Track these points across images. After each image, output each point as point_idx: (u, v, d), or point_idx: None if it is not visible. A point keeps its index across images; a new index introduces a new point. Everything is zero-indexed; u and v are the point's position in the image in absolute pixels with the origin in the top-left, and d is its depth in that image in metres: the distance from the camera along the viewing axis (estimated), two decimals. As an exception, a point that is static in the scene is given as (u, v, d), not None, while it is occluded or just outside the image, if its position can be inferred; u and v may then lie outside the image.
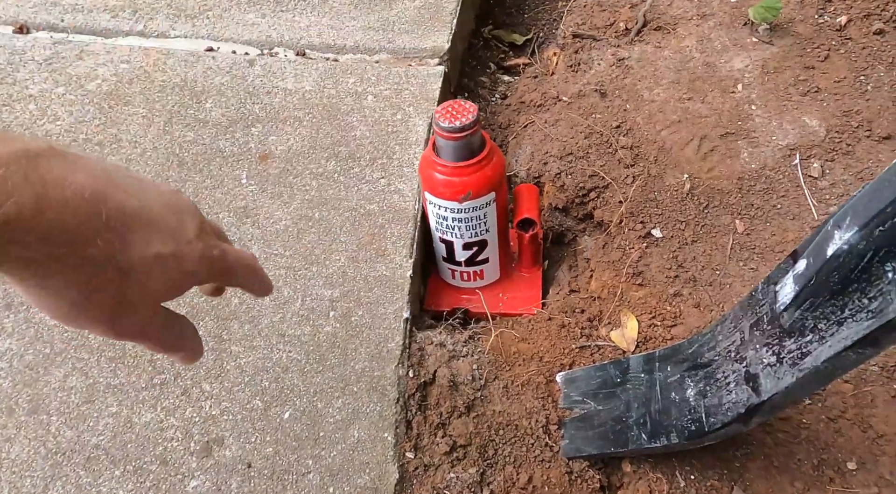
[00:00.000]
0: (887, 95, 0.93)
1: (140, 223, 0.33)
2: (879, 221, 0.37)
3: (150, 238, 0.33)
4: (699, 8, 1.09)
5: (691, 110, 0.97)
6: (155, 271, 0.33)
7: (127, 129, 0.96)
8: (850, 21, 1.02)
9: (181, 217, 0.36)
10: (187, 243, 0.35)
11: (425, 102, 0.99)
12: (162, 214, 0.34)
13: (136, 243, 0.32)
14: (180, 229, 0.35)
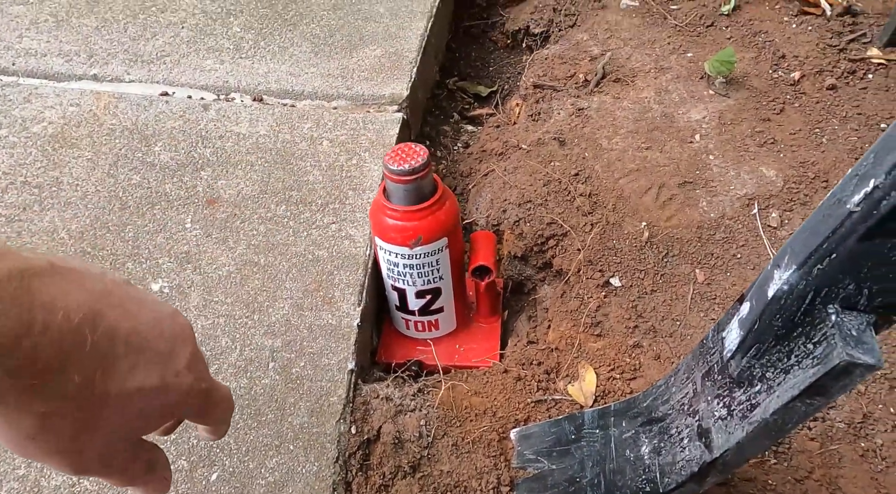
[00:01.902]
0: (842, 147, 0.93)
1: (128, 349, 0.30)
2: (817, 258, 0.34)
3: (135, 367, 0.30)
4: (657, 61, 1.10)
5: (650, 159, 0.96)
6: (133, 404, 0.31)
7: (70, 171, 0.92)
8: (804, 76, 1.03)
9: (174, 344, 0.33)
10: (175, 375, 0.33)
11: (382, 148, 0.97)
12: (154, 339, 0.31)
13: (119, 372, 0.30)
14: (170, 358, 0.32)
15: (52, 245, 0.84)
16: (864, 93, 1.00)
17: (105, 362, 0.29)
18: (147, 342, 0.31)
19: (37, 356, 0.26)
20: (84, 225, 0.87)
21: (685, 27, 1.16)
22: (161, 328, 0.32)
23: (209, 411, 0.36)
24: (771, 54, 1.07)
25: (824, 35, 1.08)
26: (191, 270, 0.83)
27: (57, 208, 0.88)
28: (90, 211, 0.88)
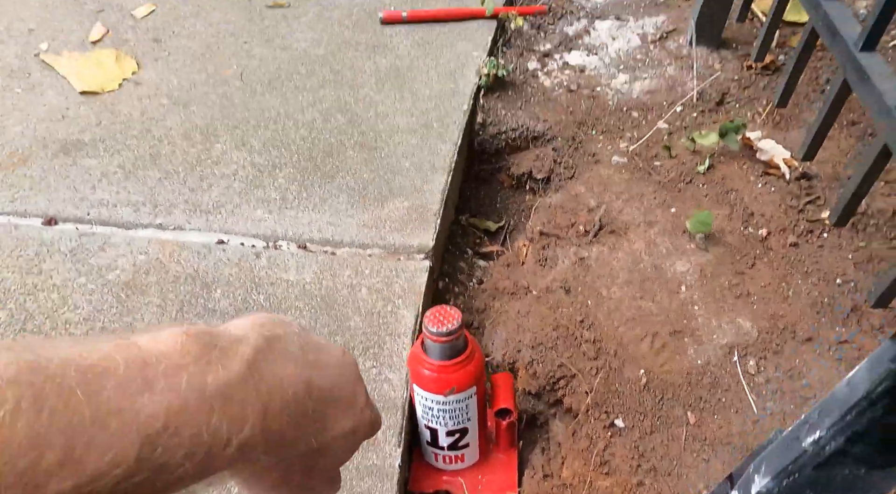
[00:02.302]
0: (805, 301, 1.10)
1: (331, 403, 0.34)
2: (785, 474, 0.48)
3: (338, 416, 0.34)
4: (645, 215, 1.28)
5: (644, 309, 1.12)
6: (341, 445, 0.35)
7: (141, 318, 1.05)
8: (770, 234, 1.21)
9: (354, 386, 0.37)
10: (360, 413, 0.36)
11: (413, 296, 1.12)
12: (343, 387, 0.35)
13: (330, 424, 0.34)
14: (354, 401, 0.36)
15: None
16: (822, 250, 1.18)
17: (320, 419, 0.33)
18: (339, 392, 0.35)
19: (283, 434, 0.30)
20: (155, 369, 0.98)
21: (668, 183, 1.35)
22: (343, 375, 0.36)
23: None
24: (741, 212, 1.26)
25: (785, 196, 1.27)
26: (251, 412, 0.95)
27: (131, 352, 1.00)
28: (160, 356, 1.00)
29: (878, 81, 0.89)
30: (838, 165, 1.33)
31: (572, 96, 1.59)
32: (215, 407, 0.26)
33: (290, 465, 0.33)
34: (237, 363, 0.28)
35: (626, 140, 1.47)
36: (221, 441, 0.26)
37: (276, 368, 0.30)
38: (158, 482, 0.25)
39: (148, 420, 0.24)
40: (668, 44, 1.73)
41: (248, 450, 0.28)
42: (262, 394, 0.29)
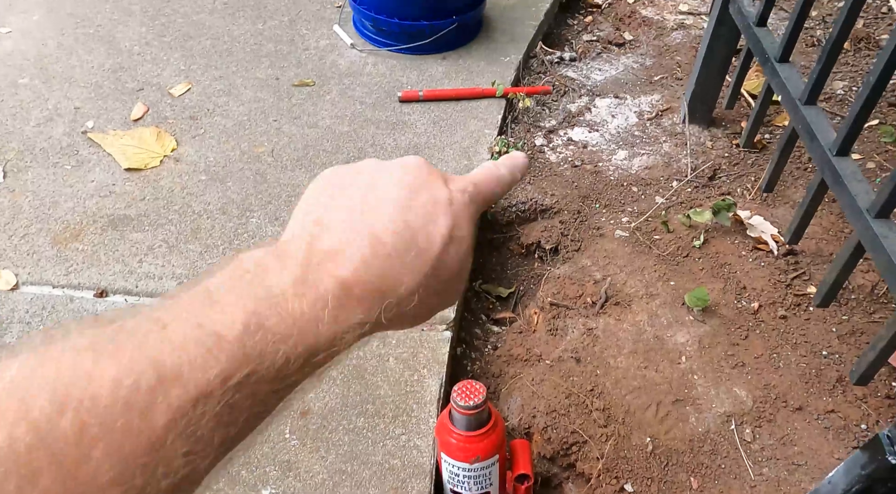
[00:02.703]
0: (794, 371, 1.21)
1: (415, 232, 0.34)
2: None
3: (430, 230, 0.34)
4: (647, 288, 1.40)
5: (648, 378, 1.22)
6: (453, 245, 0.35)
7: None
8: (761, 307, 1.33)
9: (431, 193, 0.35)
10: (446, 206, 0.35)
11: (437, 365, 1.22)
12: (419, 208, 0.35)
13: (430, 239, 0.34)
14: (436, 205, 0.35)
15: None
16: (809, 323, 1.30)
17: (415, 251, 0.34)
18: (417, 221, 0.34)
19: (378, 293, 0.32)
20: (203, 436, 1.07)
21: (667, 257, 1.47)
22: (414, 198, 0.35)
23: (497, 193, 0.41)
24: (735, 285, 1.38)
25: (774, 271, 1.39)
26: (292, 477, 1.04)
27: (181, 420, 1.09)
28: (208, 423, 1.09)
29: (850, 184, 1.02)
30: (822, 243, 1.46)
31: (576, 171, 1.72)
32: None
33: (417, 302, 0.34)
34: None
35: (627, 214, 1.60)
36: (311, 320, 0.29)
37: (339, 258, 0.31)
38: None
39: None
40: (663, 121, 1.87)
41: (347, 322, 0.30)
42: (337, 274, 0.31)
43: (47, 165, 1.56)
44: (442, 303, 0.37)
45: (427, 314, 0.36)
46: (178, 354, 0.25)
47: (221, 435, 0.25)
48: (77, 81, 1.80)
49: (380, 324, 0.32)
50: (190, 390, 0.24)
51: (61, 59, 1.88)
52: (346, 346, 0.30)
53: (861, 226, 0.99)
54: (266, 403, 0.28)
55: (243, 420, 0.27)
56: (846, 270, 1.06)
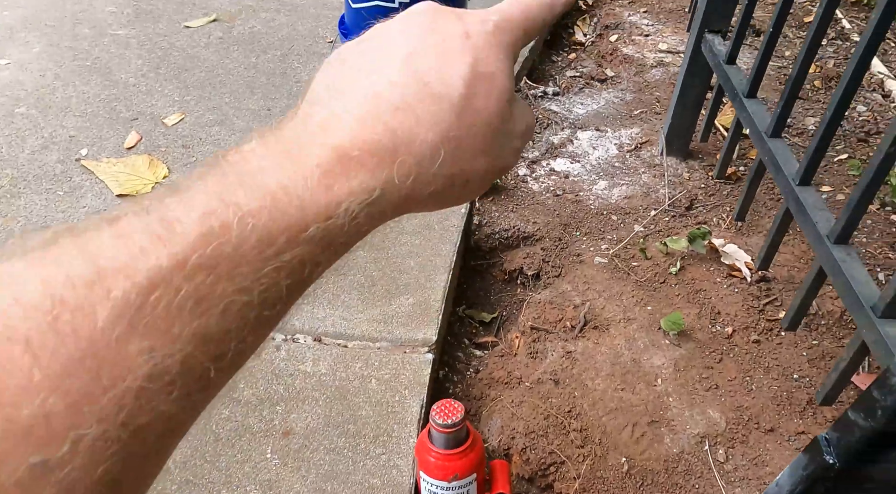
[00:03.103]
0: (767, 394, 1.24)
1: (442, 59, 0.30)
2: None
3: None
4: (625, 312, 1.43)
5: (625, 399, 1.25)
6: (470, 106, 0.29)
7: (173, 406, 1.16)
8: (735, 331, 1.37)
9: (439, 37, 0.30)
10: (473, 37, 0.30)
11: (418, 387, 1.24)
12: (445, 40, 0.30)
13: (447, 103, 0.29)
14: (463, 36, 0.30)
15: (162, 475, 1.06)
16: (780, 347, 1.33)
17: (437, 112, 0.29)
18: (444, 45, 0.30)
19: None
20: (186, 455, 1.09)
21: (644, 283, 1.51)
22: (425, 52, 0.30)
23: (537, 21, 0.35)
24: (709, 311, 1.42)
25: (747, 297, 1.44)
26: (273, 496, 1.05)
27: (164, 440, 1.11)
28: (191, 442, 1.11)
29: (812, 212, 1.07)
30: (793, 270, 1.51)
31: (558, 200, 1.78)
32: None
33: (455, 168, 0.29)
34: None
35: (606, 242, 1.65)
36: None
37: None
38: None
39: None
40: (642, 153, 1.94)
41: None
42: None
43: (40, 192, 1.59)
44: (490, 163, 0.31)
45: (470, 178, 0.30)
46: (122, 243, 0.22)
47: (193, 327, 0.22)
48: (73, 111, 1.85)
49: (398, 190, 0.27)
50: (139, 280, 0.21)
51: (58, 89, 1.94)
52: (350, 219, 0.26)
53: (822, 252, 1.04)
54: (249, 290, 0.23)
55: (221, 309, 0.23)
56: (810, 294, 1.10)
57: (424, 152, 0.28)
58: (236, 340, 0.24)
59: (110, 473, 0.21)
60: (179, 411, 0.23)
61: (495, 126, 0.30)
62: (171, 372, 0.22)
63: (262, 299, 0.24)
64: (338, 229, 0.26)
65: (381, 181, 0.27)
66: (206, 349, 0.23)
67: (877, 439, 0.51)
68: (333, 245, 0.26)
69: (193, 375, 0.23)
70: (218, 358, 0.23)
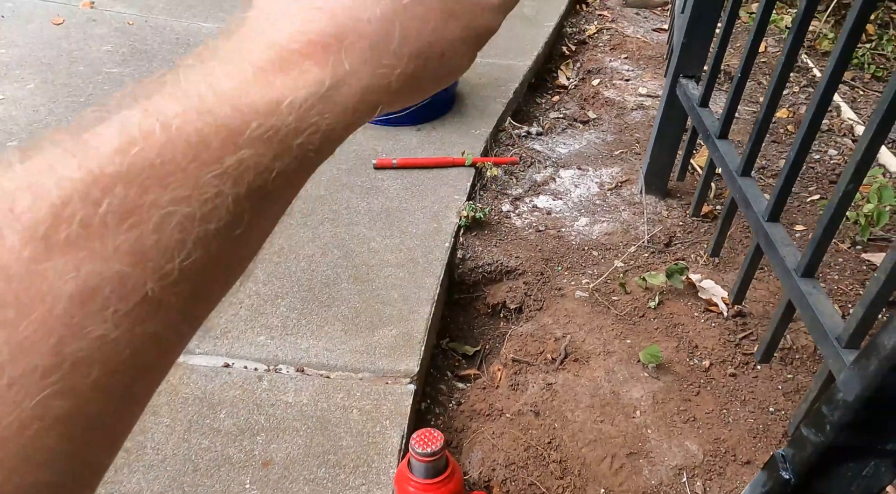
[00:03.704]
0: (743, 427, 1.26)
1: None
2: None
3: None
4: (605, 346, 1.46)
5: (604, 431, 1.26)
6: None
7: (152, 436, 1.16)
8: (712, 365, 1.39)
9: None
10: None
11: (399, 418, 1.25)
12: None
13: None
14: None
15: (139, 504, 1.05)
16: (756, 381, 1.36)
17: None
18: None
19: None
20: (164, 486, 1.08)
21: (624, 316, 1.54)
22: None
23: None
24: (687, 344, 1.45)
25: (724, 332, 1.47)
26: (250, 527, 1.04)
27: (142, 470, 1.10)
28: (169, 473, 1.10)
29: (780, 247, 1.11)
30: (767, 305, 1.55)
31: (540, 236, 1.82)
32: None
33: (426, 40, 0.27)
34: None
35: (587, 276, 1.68)
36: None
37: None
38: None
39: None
40: (622, 192, 1.99)
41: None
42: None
43: (29, 222, 1.61)
44: (464, 27, 0.28)
45: (444, 50, 0.27)
46: (30, 164, 0.21)
47: (122, 243, 0.20)
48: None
49: (356, 79, 0.25)
50: (46, 195, 0.20)
51: (51, 124, 1.97)
52: (300, 114, 0.23)
53: (790, 285, 1.08)
54: (188, 200, 0.21)
55: (157, 223, 0.21)
56: (781, 326, 1.13)
57: (376, 30, 0.25)
58: (180, 257, 0.21)
59: (51, 413, 0.19)
60: (124, 335, 0.20)
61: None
62: (102, 293, 0.20)
63: (205, 211, 0.22)
64: (287, 127, 0.23)
65: (330, 71, 0.24)
66: (144, 267, 0.20)
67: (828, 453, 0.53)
68: (288, 148, 0.23)
69: (133, 295, 0.20)
70: (162, 276, 0.21)
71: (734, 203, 1.35)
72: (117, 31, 2.48)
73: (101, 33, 2.45)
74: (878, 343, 0.47)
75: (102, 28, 2.49)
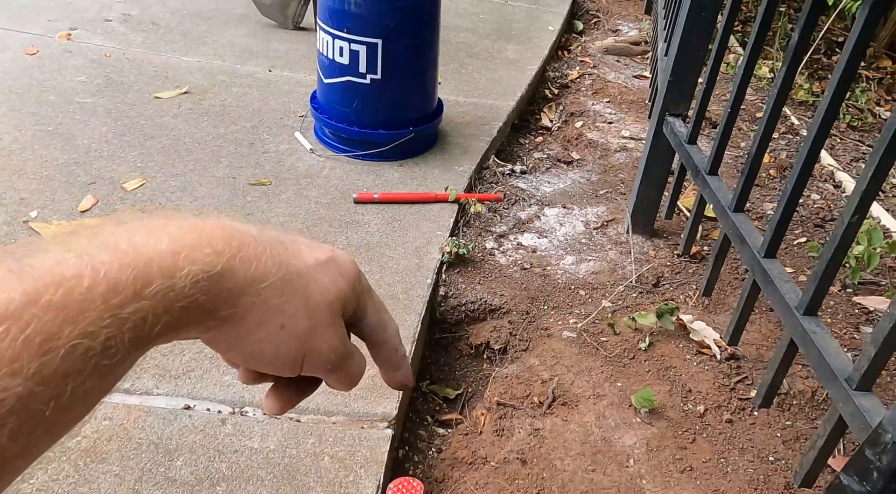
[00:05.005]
0: (743, 477, 1.18)
1: (286, 242, 0.36)
2: None
3: (300, 250, 0.36)
4: (594, 388, 1.38)
5: (596, 482, 1.17)
6: (322, 272, 0.36)
7: (98, 487, 1.04)
8: (707, 410, 1.32)
9: (315, 242, 0.39)
10: (332, 251, 0.38)
11: (374, 465, 1.15)
12: (297, 237, 0.38)
13: (293, 254, 0.36)
14: (320, 244, 0.38)
15: (76, 566, 0.92)
16: (754, 428, 1.29)
17: (278, 249, 0.35)
18: (293, 237, 0.37)
19: (226, 244, 0.32)
20: (107, 543, 0.96)
21: (613, 358, 1.47)
22: (316, 244, 0.38)
23: (380, 309, 0.42)
24: (680, 388, 1.37)
25: (717, 375, 1.40)
26: None
27: (84, 525, 0.98)
28: (114, 528, 0.98)
29: (779, 284, 1.06)
30: (762, 348, 1.49)
31: (525, 274, 1.75)
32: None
33: (280, 294, 0.34)
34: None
35: (574, 316, 1.61)
36: (143, 248, 0.28)
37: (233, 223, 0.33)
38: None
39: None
40: (608, 231, 1.95)
41: (190, 254, 0.30)
42: (177, 221, 0.31)
43: (-18, 251, 1.51)
44: (305, 330, 0.35)
45: (287, 323, 0.34)
46: None
47: (36, 364, 0.24)
48: (27, 174, 1.80)
49: (241, 275, 0.32)
50: None
51: (14, 152, 1.89)
52: (190, 284, 0.29)
53: (792, 323, 1.02)
54: (94, 335, 0.26)
55: (66, 350, 0.25)
56: (782, 368, 1.07)
57: (268, 257, 0.33)
58: (75, 383, 0.25)
59: None
60: (10, 444, 0.23)
61: (321, 310, 0.36)
62: (5, 406, 0.23)
63: (104, 347, 0.26)
64: (178, 291, 0.29)
65: (225, 260, 0.31)
66: (46, 387, 0.24)
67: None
68: (172, 310, 0.28)
69: (28, 412, 0.24)
70: (55, 398, 0.24)
71: (727, 240, 1.31)
72: (93, 63, 2.43)
73: (75, 64, 2.39)
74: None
75: (78, 59, 2.43)
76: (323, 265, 0.37)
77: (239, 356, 0.35)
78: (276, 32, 2.93)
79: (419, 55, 2.01)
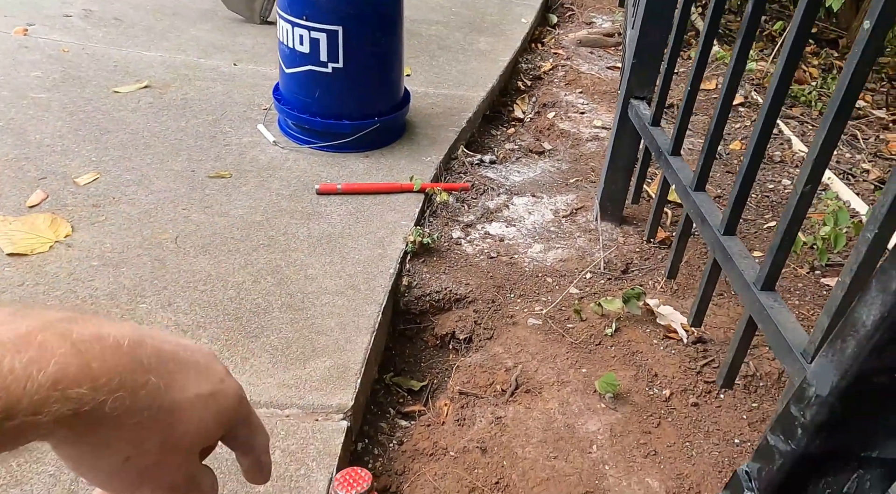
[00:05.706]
0: (708, 460, 1.15)
1: (177, 365, 0.35)
2: None
3: (189, 378, 0.35)
4: (559, 375, 1.34)
5: (557, 469, 1.13)
6: (197, 409, 0.35)
7: (31, 489, 0.99)
8: (673, 394, 1.29)
9: (209, 360, 0.38)
10: (221, 381, 0.37)
11: (327, 458, 1.10)
12: (192, 357, 0.36)
13: (179, 383, 0.34)
14: (213, 369, 0.37)
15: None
16: (720, 411, 1.26)
17: (163, 375, 0.33)
18: (189, 359, 0.36)
19: (110, 371, 0.30)
20: (39, 545, 0.91)
21: (579, 344, 1.43)
22: (195, 349, 0.37)
23: (253, 432, 0.41)
24: (646, 373, 1.34)
25: (684, 359, 1.37)
26: None
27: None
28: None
29: (738, 260, 1.04)
30: (729, 331, 1.46)
31: (492, 263, 1.72)
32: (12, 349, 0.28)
33: (139, 423, 0.32)
34: (43, 314, 0.31)
35: (541, 304, 1.58)
36: (20, 377, 0.28)
37: (92, 327, 0.32)
38: None
39: None
40: (577, 219, 1.92)
41: (67, 388, 0.29)
42: (74, 341, 0.30)
43: (-76, 249, 1.45)
44: (154, 460, 0.35)
45: (132, 455, 0.33)
46: None
47: None
48: (-24, 169, 1.74)
49: (111, 407, 0.31)
50: None
51: (-34, 147, 1.83)
52: (51, 421, 0.29)
53: (749, 300, 0.99)
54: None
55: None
56: (742, 347, 1.05)
57: (145, 393, 0.33)
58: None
59: None
60: None
61: (177, 448, 0.35)
62: None
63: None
64: (38, 425, 0.29)
65: (99, 401, 0.30)
66: None
67: (801, 464, 0.43)
68: (25, 436, 0.29)
69: None
70: None
71: (689, 220, 1.28)
72: (50, 58, 2.36)
73: (31, 59, 2.33)
74: (854, 320, 0.38)
75: (34, 55, 2.37)
76: (202, 400, 0.36)
77: (72, 468, 0.34)
78: (243, 27, 2.88)
79: (382, 43, 1.97)
